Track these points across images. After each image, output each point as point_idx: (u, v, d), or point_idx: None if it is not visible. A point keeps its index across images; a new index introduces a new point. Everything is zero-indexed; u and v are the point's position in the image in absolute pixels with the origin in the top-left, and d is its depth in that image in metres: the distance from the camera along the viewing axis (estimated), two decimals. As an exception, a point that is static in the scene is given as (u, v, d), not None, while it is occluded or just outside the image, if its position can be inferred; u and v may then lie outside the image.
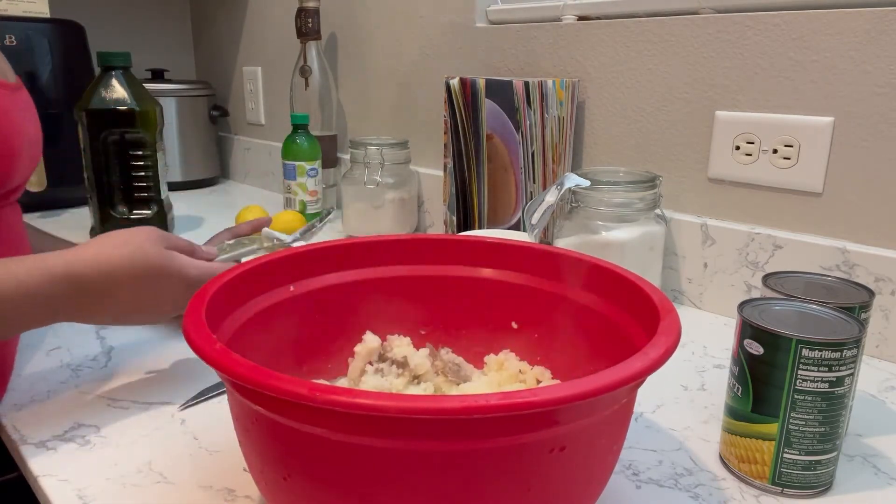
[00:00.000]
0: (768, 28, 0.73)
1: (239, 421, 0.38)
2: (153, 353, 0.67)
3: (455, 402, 0.30)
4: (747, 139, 0.76)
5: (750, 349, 0.46)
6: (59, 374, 0.62)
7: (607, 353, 0.46)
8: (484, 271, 0.56)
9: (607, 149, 0.89)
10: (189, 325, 0.37)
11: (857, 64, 0.68)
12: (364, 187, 1.06)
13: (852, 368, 0.44)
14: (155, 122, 1.02)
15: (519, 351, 0.55)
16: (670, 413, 0.57)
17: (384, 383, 0.50)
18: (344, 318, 0.54)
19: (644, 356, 0.34)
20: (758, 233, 0.76)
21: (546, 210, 0.74)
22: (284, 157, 1.15)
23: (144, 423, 0.54)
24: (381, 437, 0.32)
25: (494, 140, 0.88)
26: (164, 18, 1.70)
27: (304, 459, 0.34)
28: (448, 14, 1.06)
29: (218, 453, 0.50)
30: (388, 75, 1.20)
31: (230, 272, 0.46)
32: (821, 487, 0.47)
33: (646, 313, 0.42)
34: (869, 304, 0.50)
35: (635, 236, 0.75)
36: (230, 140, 1.65)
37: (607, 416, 0.35)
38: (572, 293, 0.52)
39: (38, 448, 0.50)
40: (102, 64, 1.00)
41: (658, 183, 0.77)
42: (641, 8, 0.85)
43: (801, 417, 0.44)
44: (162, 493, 0.45)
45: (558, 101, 0.86)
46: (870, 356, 0.69)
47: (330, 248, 0.54)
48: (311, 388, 0.30)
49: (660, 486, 0.47)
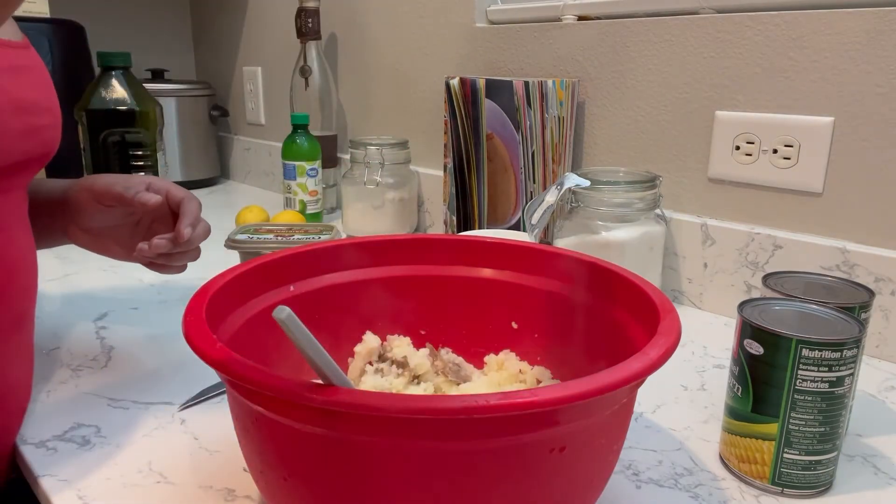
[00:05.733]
0: (768, 28, 0.73)
1: (239, 421, 0.38)
2: (153, 353, 0.67)
3: (455, 402, 0.30)
4: (747, 139, 0.76)
5: (750, 349, 0.46)
6: (59, 374, 0.62)
7: (607, 353, 0.46)
8: (484, 271, 0.56)
9: (607, 149, 0.89)
10: (189, 325, 0.37)
11: (857, 64, 0.68)
12: (364, 187, 1.06)
13: (852, 368, 0.44)
14: (155, 122, 1.02)
15: (519, 351, 0.55)
16: (670, 413, 0.57)
17: (384, 383, 0.50)
18: (344, 318, 0.54)
19: (644, 356, 0.34)
20: (758, 233, 0.76)
21: (546, 210, 0.74)
22: (284, 157, 1.15)
23: (144, 423, 0.54)
24: (381, 436, 0.32)
25: (494, 140, 0.88)
26: (164, 18, 1.70)
27: (304, 459, 0.34)
28: (448, 14, 1.06)
29: (218, 453, 0.50)
30: (388, 75, 1.20)
31: (230, 272, 0.46)
32: (821, 487, 0.47)
33: (646, 313, 0.42)
34: (869, 304, 0.50)
35: (635, 236, 0.75)
36: (230, 140, 1.65)
37: (607, 416, 0.35)
38: (572, 293, 0.52)
39: (38, 448, 0.50)
40: (102, 64, 1.00)
41: (658, 183, 0.77)
42: (641, 8, 0.85)
43: (801, 417, 0.44)
44: (162, 493, 0.45)
45: (558, 101, 0.86)
46: (870, 356, 0.69)
47: (330, 248, 0.54)
48: (311, 389, 0.30)
49: (660, 486, 0.47)
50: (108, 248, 0.65)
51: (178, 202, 0.62)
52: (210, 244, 1.06)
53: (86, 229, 0.63)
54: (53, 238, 0.64)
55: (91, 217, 0.62)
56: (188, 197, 0.63)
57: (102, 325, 0.73)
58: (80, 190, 0.62)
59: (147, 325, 0.74)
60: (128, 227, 0.64)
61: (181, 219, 0.61)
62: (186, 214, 0.61)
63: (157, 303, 0.81)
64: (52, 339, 0.70)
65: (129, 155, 1.01)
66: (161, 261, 0.63)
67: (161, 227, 0.64)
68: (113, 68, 1.00)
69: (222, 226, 1.16)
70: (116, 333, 0.72)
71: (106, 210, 0.62)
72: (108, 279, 0.88)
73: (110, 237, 0.64)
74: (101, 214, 0.62)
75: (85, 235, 0.64)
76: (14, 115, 0.46)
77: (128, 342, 0.69)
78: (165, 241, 0.59)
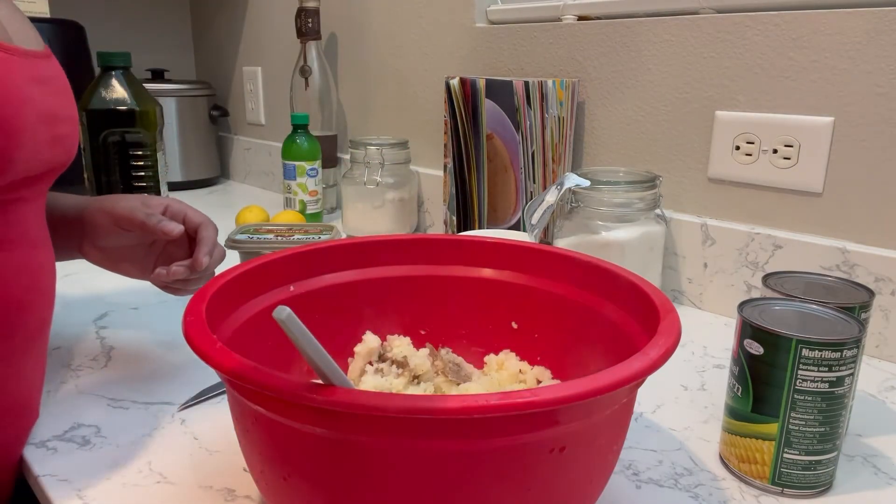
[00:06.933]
0: (768, 28, 0.73)
1: (239, 421, 0.38)
2: (153, 353, 0.67)
3: (455, 402, 0.30)
4: (747, 139, 0.76)
5: (750, 349, 0.46)
6: (59, 374, 0.62)
7: (607, 353, 0.46)
8: (484, 271, 0.56)
9: (607, 149, 0.89)
10: (189, 325, 0.37)
11: (857, 64, 0.68)
12: (364, 187, 1.06)
13: (852, 368, 0.44)
14: (155, 122, 1.02)
15: (519, 351, 0.55)
16: (670, 413, 0.57)
17: (384, 383, 0.50)
18: (344, 318, 0.54)
19: (644, 356, 0.34)
20: (758, 233, 0.76)
21: (546, 210, 0.74)
22: (284, 157, 1.15)
23: (144, 423, 0.54)
24: (381, 436, 0.32)
25: (494, 140, 0.88)
26: (164, 18, 1.70)
27: (304, 459, 0.34)
28: (448, 14, 1.06)
29: (218, 453, 0.50)
30: (388, 75, 1.20)
31: (230, 272, 0.46)
32: (821, 487, 0.47)
33: (646, 313, 0.42)
34: (869, 304, 0.50)
35: (635, 236, 0.75)
36: (230, 140, 1.65)
37: (607, 416, 0.35)
38: (572, 293, 0.52)
39: (38, 448, 0.50)
40: (102, 64, 1.00)
41: (658, 183, 0.77)
42: (641, 8, 0.85)
43: (801, 417, 0.44)
44: (162, 493, 0.45)
45: (558, 101, 0.86)
46: (870, 356, 0.69)
47: (330, 248, 0.54)
48: (311, 389, 0.30)
49: (660, 486, 0.47)
50: (123, 267, 0.65)
51: (196, 227, 0.63)
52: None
53: (101, 248, 0.63)
54: (67, 253, 0.64)
55: (107, 238, 0.62)
56: (205, 223, 0.63)
57: (102, 325, 0.73)
58: (99, 212, 0.62)
59: (147, 325, 0.74)
60: (143, 247, 0.64)
61: (199, 246, 0.61)
62: (204, 241, 0.61)
63: (157, 303, 0.81)
64: (53, 339, 0.70)
65: (129, 155, 1.01)
66: (177, 285, 0.64)
67: (175, 249, 0.64)
68: (113, 68, 0.99)
69: (222, 226, 1.16)
70: (116, 333, 0.72)
71: (123, 233, 0.62)
72: (108, 279, 0.88)
73: (126, 258, 0.64)
74: (117, 237, 0.62)
75: (99, 254, 0.64)
76: (43, 124, 0.47)
77: (128, 342, 0.69)
78: (183, 268, 0.59)
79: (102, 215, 0.61)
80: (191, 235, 0.63)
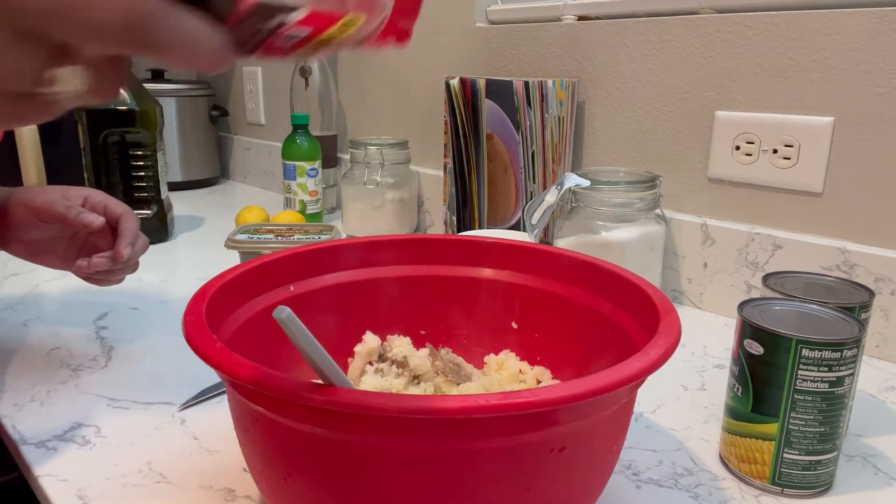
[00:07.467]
0: (768, 28, 0.73)
1: (239, 421, 0.38)
2: (153, 353, 0.67)
3: (455, 402, 0.30)
4: (747, 139, 0.76)
5: (750, 349, 0.46)
6: (59, 374, 0.62)
7: (607, 353, 0.46)
8: (484, 271, 0.56)
9: (607, 149, 0.89)
10: (189, 325, 0.37)
11: (856, 64, 0.68)
12: (364, 187, 1.06)
13: (852, 368, 0.44)
14: (155, 122, 1.02)
15: (519, 351, 0.55)
16: (670, 413, 0.57)
17: (384, 383, 0.50)
18: (344, 318, 0.54)
19: (644, 356, 0.34)
20: (758, 233, 0.76)
21: (546, 210, 0.74)
22: (284, 157, 1.15)
23: (144, 423, 0.54)
24: (380, 436, 0.32)
25: (494, 140, 0.88)
26: (164, 18, 1.69)
27: (304, 459, 0.34)
28: (448, 14, 1.06)
29: (218, 453, 0.50)
30: (388, 75, 1.20)
31: (230, 272, 0.46)
32: (821, 487, 0.47)
33: (646, 313, 0.42)
34: (869, 304, 0.50)
35: (635, 236, 0.75)
36: (230, 140, 1.65)
37: (607, 416, 0.35)
38: (572, 293, 0.52)
39: (38, 448, 0.50)
40: (102, 64, 1.00)
41: (658, 183, 0.77)
42: (641, 8, 0.85)
43: (801, 417, 0.44)
44: (162, 493, 0.45)
45: (558, 101, 0.86)
46: (870, 356, 0.69)
47: (330, 248, 0.54)
48: (311, 389, 0.30)
49: (660, 486, 0.47)
50: (45, 259, 0.65)
51: (117, 218, 0.63)
52: (210, 244, 1.07)
53: (23, 241, 0.63)
54: None
55: (28, 231, 0.62)
56: (126, 214, 0.63)
57: (102, 325, 0.73)
58: (18, 205, 0.62)
59: (147, 325, 0.74)
60: (64, 239, 0.64)
61: (120, 238, 0.61)
62: (125, 233, 0.62)
63: (157, 303, 0.81)
64: (52, 339, 0.70)
65: (128, 155, 1.01)
66: (100, 276, 0.64)
67: (98, 240, 0.64)
68: (113, 68, 1.00)
69: (222, 226, 1.17)
70: (116, 333, 0.72)
71: (44, 225, 0.62)
72: (108, 279, 0.88)
73: (47, 249, 0.64)
74: (38, 229, 0.62)
75: (21, 247, 0.64)
76: None
77: (128, 342, 0.69)
78: (105, 259, 0.60)
79: (21, 209, 0.61)
80: (112, 226, 0.63)
